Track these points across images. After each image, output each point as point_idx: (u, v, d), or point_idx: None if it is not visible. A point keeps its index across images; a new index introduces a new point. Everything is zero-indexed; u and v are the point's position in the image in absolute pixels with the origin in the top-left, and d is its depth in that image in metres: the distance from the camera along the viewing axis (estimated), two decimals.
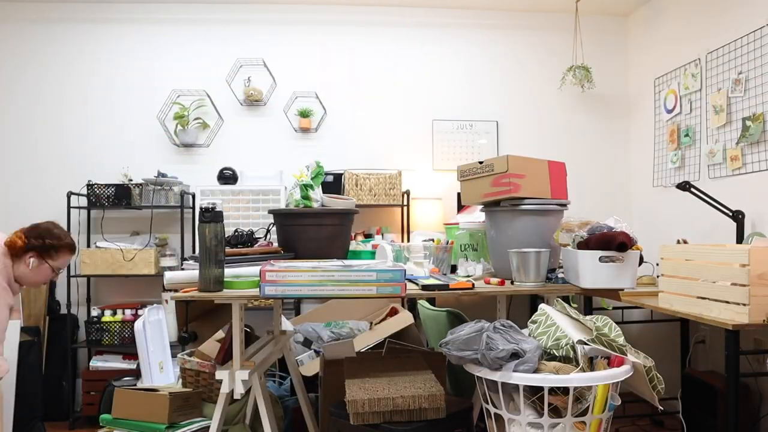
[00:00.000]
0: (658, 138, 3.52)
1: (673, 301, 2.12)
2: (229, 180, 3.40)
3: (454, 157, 3.73)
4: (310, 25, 3.72)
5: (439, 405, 2.02)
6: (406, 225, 3.51)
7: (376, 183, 3.43)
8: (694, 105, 3.17)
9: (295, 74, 3.69)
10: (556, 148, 3.74)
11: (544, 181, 2.58)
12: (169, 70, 3.62)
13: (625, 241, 2.26)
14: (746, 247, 1.82)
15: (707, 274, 1.97)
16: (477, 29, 3.81)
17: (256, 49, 3.66)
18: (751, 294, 1.79)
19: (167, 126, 3.58)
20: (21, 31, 3.58)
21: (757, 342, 2.59)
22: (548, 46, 3.83)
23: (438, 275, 2.55)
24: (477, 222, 2.93)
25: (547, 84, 3.79)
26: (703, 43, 3.08)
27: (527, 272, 2.36)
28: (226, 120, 3.65)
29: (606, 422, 1.91)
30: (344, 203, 2.99)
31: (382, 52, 3.76)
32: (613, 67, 3.87)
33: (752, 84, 2.72)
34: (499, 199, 2.58)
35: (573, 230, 2.42)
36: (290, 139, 3.69)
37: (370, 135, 3.74)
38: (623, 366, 1.88)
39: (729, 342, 1.90)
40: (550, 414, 1.82)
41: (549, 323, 2.06)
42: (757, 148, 2.70)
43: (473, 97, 3.80)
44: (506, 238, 2.57)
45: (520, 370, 1.82)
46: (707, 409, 2.69)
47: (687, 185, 2.67)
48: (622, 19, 3.90)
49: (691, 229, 3.15)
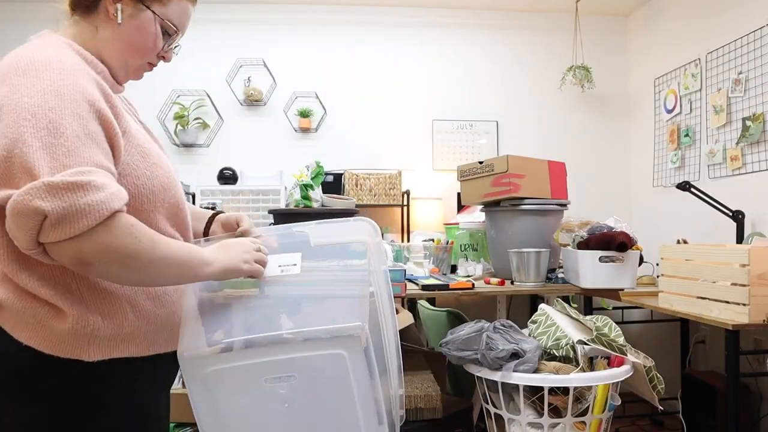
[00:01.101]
0: (658, 138, 3.52)
1: (673, 301, 2.12)
2: (229, 180, 3.40)
3: (454, 157, 3.73)
4: (310, 25, 3.72)
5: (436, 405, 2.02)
6: (406, 225, 3.50)
7: (376, 183, 3.43)
8: (694, 105, 3.17)
9: (295, 74, 3.69)
10: (556, 148, 3.74)
11: (544, 181, 2.58)
12: (169, 70, 3.58)
13: (625, 241, 2.26)
14: (746, 247, 1.82)
15: (707, 274, 1.97)
16: (477, 29, 3.81)
17: (256, 49, 3.66)
18: (751, 294, 1.79)
19: (167, 126, 3.58)
20: (21, 31, 3.56)
21: (757, 342, 2.59)
22: (548, 46, 3.83)
23: (438, 275, 2.55)
24: (477, 222, 2.93)
25: (547, 84, 3.79)
26: (703, 43, 3.08)
27: (527, 272, 2.36)
28: (226, 120, 3.65)
29: (606, 422, 1.91)
30: (344, 203, 3.00)
31: (382, 52, 3.76)
32: (613, 67, 3.87)
33: (752, 84, 2.72)
34: (499, 199, 2.58)
35: (573, 230, 2.42)
36: (290, 139, 3.69)
37: (370, 135, 3.73)
38: (623, 366, 1.88)
39: (729, 342, 1.90)
40: (550, 414, 1.82)
41: (549, 323, 2.06)
42: (757, 148, 2.70)
43: (473, 97, 3.80)
44: (506, 238, 2.57)
45: (520, 370, 1.82)
46: (707, 409, 2.69)
47: (687, 185, 2.67)
48: (622, 19, 3.90)
49: (691, 229, 3.15)
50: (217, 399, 0.97)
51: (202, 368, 0.95)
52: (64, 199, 0.77)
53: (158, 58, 1.07)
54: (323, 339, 0.95)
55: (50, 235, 0.79)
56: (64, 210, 0.77)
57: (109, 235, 0.82)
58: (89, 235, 0.80)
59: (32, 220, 0.77)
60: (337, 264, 1.12)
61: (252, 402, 0.98)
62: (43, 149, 0.80)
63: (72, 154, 0.81)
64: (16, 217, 0.78)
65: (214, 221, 1.24)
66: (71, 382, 0.91)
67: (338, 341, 0.95)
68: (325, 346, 0.95)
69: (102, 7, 0.99)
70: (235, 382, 0.96)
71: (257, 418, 0.99)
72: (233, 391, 0.97)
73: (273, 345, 0.95)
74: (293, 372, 0.96)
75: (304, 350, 0.96)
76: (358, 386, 0.97)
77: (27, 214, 0.77)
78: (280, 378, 0.96)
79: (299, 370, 0.96)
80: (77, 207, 0.78)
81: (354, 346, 0.94)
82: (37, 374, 0.89)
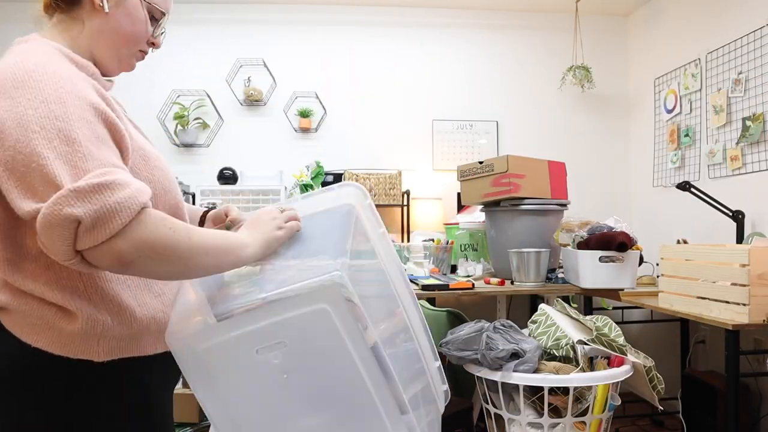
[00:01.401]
0: (658, 138, 3.52)
1: (673, 301, 2.12)
2: (229, 180, 3.40)
3: (454, 157, 3.73)
4: (310, 25, 3.72)
5: None
6: (406, 225, 3.50)
7: (376, 183, 3.43)
8: (694, 105, 3.17)
9: (295, 74, 3.69)
10: (556, 148, 3.74)
11: (544, 181, 2.58)
12: (169, 70, 3.62)
13: (625, 241, 2.26)
14: (746, 247, 1.82)
15: (707, 274, 1.97)
16: (477, 29, 3.81)
17: (256, 49, 3.66)
18: (751, 294, 1.79)
19: (167, 126, 3.57)
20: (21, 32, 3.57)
21: (757, 342, 2.59)
22: (548, 46, 3.83)
23: (438, 275, 2.55)
24: (477, 222, 2.93)
25: (547, 84, 3.79)
26: (703, 43, 3.08)
27: (527, 272, 2.36)
28: (226, 120, 3.65)
29: (606, 422, 1.91)
30: None
31: (382, 52, 3.76)
32: (613, 67, 3.87)
33: (752, 84, 2.72)
34: (499, 199, 2.58)
35: (573, 230, 2.42)
36: (290, 139, 3.69)
37: (370, 135, 3.73)
38: (623, 366, 1.88)
39: (729, 342, 1.90)
40: (550, 414, 1.82)
41: (549, 323, 2.06)
42: (757, 148, 2.70)
43: (473, 97, 3.80)
44: (506, 238, 2.57)
45: (520, 370, 1.82)
46: (707, 409, 2.69)
47: (687, 185, 2.67)
48: (622, 19, 3.90)
49: (691, 229, 3.15)
50: (216, 380, 0.94)
51: (192, 348, 0.92)
52: (94, 201, 0.77)
53: (148, 45, 1.06)
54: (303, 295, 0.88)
55: (86, 240, 0.77)
56: (96, 212, 0.76)
57: (144, 230, 0.81)
58: (124, 233, 0.79)
59: (66, 229, 0.76)
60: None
61: (249, 376, 0.94)
62: (60, 158, 0.79)
63: (89, 159, 0.80)
64: (49, 230, 0.76)
65: (207, 219, 1.24)
66: (78, 382, 0.91)
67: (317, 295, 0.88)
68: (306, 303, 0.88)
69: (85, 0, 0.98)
70: (228, 358, 0.93)
71: (259, 392, 0.96)
72: (228, 368, 0.94)
73: (254, 311, 0.90)
74: (282, 338, 0.91)
75: (286, 311, 0.89)
76: (352, 343, 0.90)
77: (60, 224, 0.76)
78: (271, 347, 0.91)
79: (287, 336, 0.91)
80: (108, 207, 0.77)
81: (335, 297, 0.87)
82: (44, 374, 0.89)
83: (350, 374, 0.92)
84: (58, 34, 0.98)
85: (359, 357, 0.91)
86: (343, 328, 0.89)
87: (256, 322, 0.90)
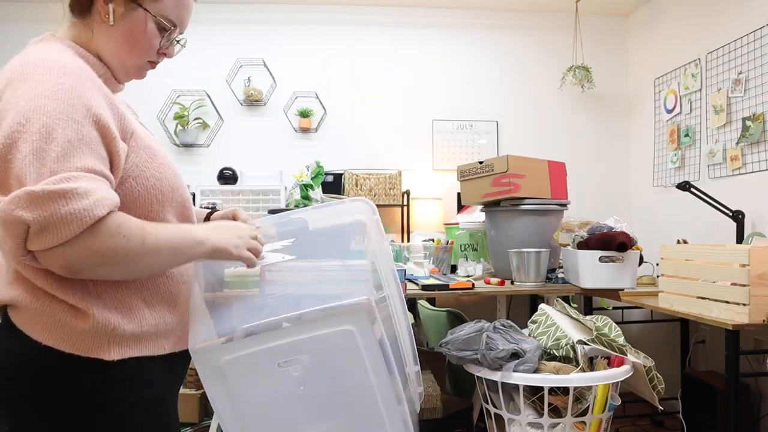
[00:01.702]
0: (658, 138, 3.52)
1: (673, 301, 2.12)
2: (229, 180, 3.40)
3: (454, 157, 3.73)
4: (310, 25, 3.71)
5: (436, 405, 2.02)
6: (406, 225, 3.50)
7: (376, 183, 3.43)
8: (694, 105, 3.17)
9: (295, 74, 3.69)
10: (556, 148, 3.74)
11: (544, 181, 2.58)
12: (169, 70, 3.59)
13: (625, 241, 2.26)
14: (746, 247, 1.82)
15: (707, 274, 1.97)
16: (477, 29, 3.81)
17: (256, 49, 3.66)
18: (751, 294, 1.79)
19: (167, 126, 3.58)
20: (21, 32, 3.57)
21: (757, 342, 2.59)
22: (548, 46, 3.83)
23: (438, 275, 2.55)
24: (477, 222, 2.93)
25: (547, 84, 3.79)
26: (703, 43, 3.08)
27: (527, 272, 2.36)
28: (226, 120, 3.65)
29: (606, 422, 1.91)
30: None
31: (382, 52, 3.76)
32: (613, 67, 3.87)
33: (752, 84, 2.72)
34: (499, 199, 2.58)
35: (573, 230, 2.42)
36: (290, 139, 3.69)
37: (370, 135, 3.73)
38: (623, 366, 1.88)
39: (729, 342, 1.90)
40: (550, 414, 1.82)
41: (549, 323, 2.06)
42: (757, 148, 2.70)
43: (473, 97, 3.80)
44: (506, 238, 2.57)
45: (520, 370, 1.82)
46: (707, 409, 2.69)
47: (687, 185, 2.67)
48: (622, 19, 3.90)
49: (691, 229, 3.15)
50: (234, 389, 0.97)
51: (215, 359, 0.95)
52: (45, 209, 0.78)
53: (159, 56, 1.06)
54: (331, 317, 0.95)
55: (35, 243, 0.79)
56: (45, 219, 0.78)
57: (96, 240, 0.82)
58: (74, 242, 0.81)
59: (17, 228, 0.78)
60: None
61: (268, 388, 0.98)
62: (33, 154, 0.80)
63: (61, 160, 0.81)
64: (2, 225, 0.79)
65: (211, 220, 1.24)
66: (83, 382, 0.91)
67: (346, 317, 0.95)
68: (333, 324, 0.95)
69: (95, 8, 0.98)
70: (250, 370, 0.97)
71: (275, 403, 0.99)
72: (248, 379, 0.97)
73: (283, 329, 0.96)
74: (305, 354, 0.96)
75: (314, 330, 0.96)
76: (371, 362, 0.97)
77: (11, 223, 0.78)
78: (293, 361, 0.97)
79: (311, 352, 0.97)
80: (59, 216, 0.78)
81: (362, 320, 0.94)
82: (51, 372, 0.89)
83: (364, 394, 0.99)
84: (71, 36, 1.00)
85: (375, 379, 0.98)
86: (365, 350, 0.97)
87: (284, 338, 0.96)
